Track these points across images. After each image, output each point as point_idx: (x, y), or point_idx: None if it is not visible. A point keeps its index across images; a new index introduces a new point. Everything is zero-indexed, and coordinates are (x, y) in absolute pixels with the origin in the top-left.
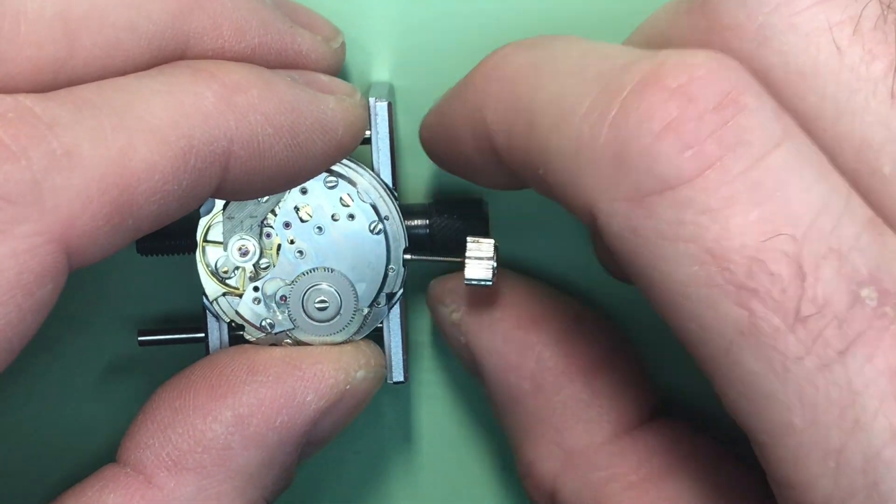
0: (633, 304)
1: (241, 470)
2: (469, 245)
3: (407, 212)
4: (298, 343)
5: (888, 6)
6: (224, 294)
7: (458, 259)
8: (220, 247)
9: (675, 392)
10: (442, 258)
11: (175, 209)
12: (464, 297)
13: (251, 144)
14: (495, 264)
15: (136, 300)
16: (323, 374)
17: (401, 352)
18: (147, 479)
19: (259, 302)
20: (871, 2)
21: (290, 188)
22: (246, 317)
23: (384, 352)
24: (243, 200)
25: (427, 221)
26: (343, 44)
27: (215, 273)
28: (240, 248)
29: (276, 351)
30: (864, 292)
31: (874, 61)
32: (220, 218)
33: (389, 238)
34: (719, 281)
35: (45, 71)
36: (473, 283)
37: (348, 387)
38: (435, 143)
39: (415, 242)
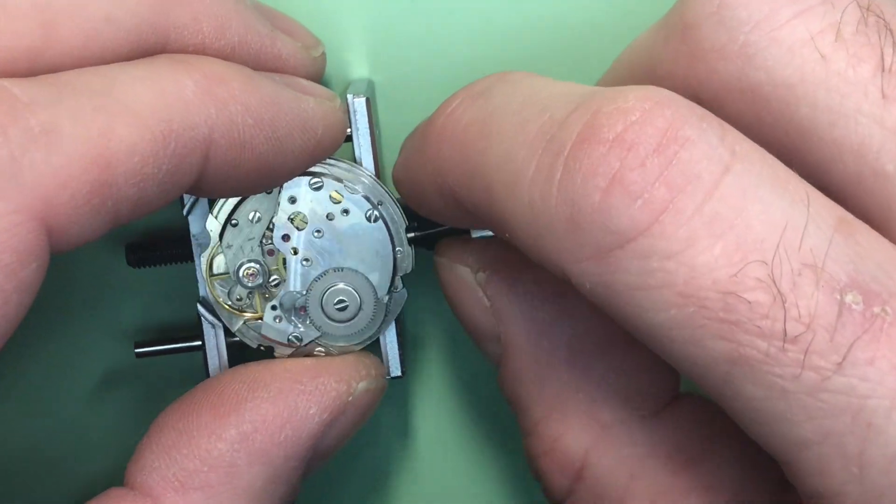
0: None
1: (247, 487)
2: None
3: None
4: (329, 350)
5: (867, 9)
6: (245, 322)
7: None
8: (228, 278)
9: None
10: (445, 226)
11: (155, 195)
12: (490, 259)
13: (231, 133)
14: None
15: (131, 311)
16: (325, 386)
17: (397, 347)
18: (155, 502)
19: (280, 319)
20: (850, 6)
21: (270, 187)
22: (272, 337)
23: (380, 347)
24: (224, 197)
25: (431, 230)
26: (324, 54)
27: (230, 304)
28: (247, 274)
29: (277, 367)
30: (849, 298)
31: (860, 64)
32: (219, 250)
33: (388, 222)
34: (699, 320)
35: (22, 59)
36: (480, 235)
37: (351, 398)
38: (407, 194)
39: (417, 238)
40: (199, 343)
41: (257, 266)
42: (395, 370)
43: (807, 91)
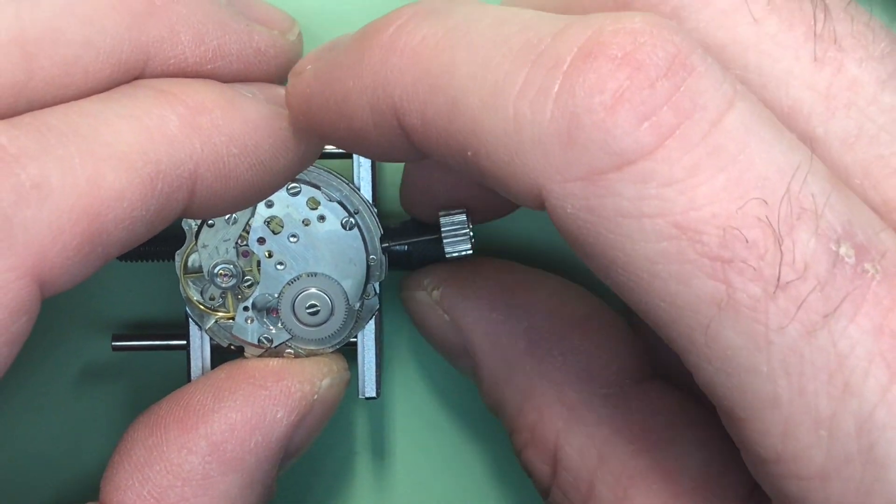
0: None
1: (223, 496)
2: (442, 220)
3: (386, 232)
4: (299, 352)
5: None
6: (216, 321)
7: (435, 237)
8: (202, 276)
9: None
10: (418, 238)
11: (143, 233)
12: (442, 277)
13: (216, 166)
14: (472, 233)
15: (114, 305)
16: (289, 389)
17: (374, 367)
18: None
19: (252, 321)
20: None
21: (254, 204)
22: (242, 338)
23: (357, 367)
24: (210, 218)
25: (406, 240)
26: (300, 35)
27: (203, 303)
28: (221, 274)
29: (240, 373)
30: (843, 250)
31: (792, 28)
32: (194, 249)
33: (363, 230)
34: (691, 255)
35: (5, 96)
36: (454, 255)
37: (316, 397)
38: (319, 118)
39: (394, 261)
40: (179, 342)
41: (231, 267)
42: (371, 391)
43: (737, 53)
